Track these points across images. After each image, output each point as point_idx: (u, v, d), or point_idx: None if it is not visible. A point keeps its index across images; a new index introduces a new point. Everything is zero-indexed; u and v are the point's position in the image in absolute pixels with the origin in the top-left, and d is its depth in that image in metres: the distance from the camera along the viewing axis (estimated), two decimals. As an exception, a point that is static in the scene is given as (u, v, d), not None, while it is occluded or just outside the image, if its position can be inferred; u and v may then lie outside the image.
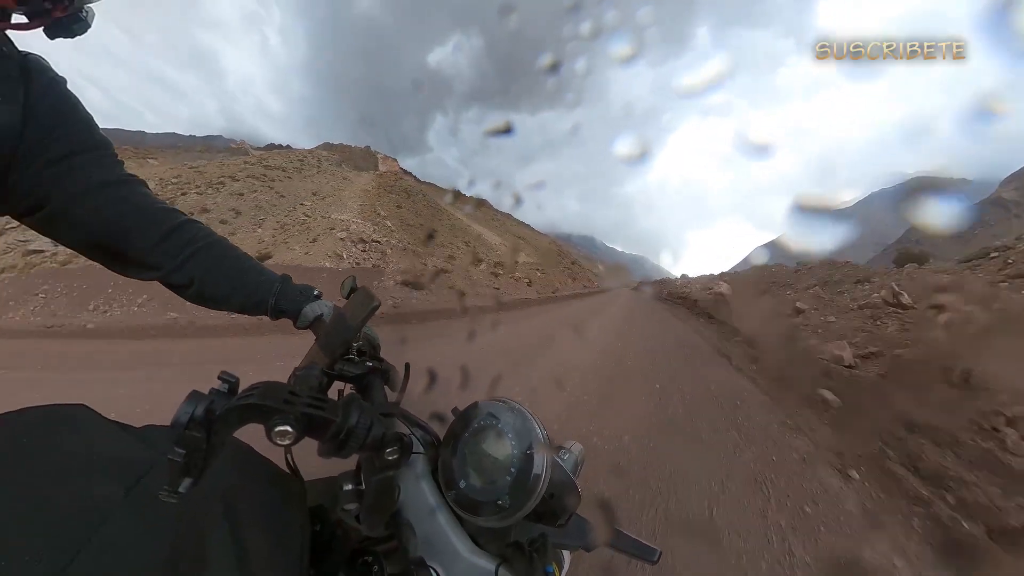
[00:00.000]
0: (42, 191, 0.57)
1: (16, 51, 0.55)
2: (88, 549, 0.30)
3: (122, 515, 0.33)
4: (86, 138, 0.60)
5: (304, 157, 52.10)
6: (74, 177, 0.58)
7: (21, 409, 0.39)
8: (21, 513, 0.31)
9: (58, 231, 0.61)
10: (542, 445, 0.46)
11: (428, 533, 0.46)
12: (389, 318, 7.90)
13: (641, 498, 2.06)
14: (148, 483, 0.36)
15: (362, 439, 0.42)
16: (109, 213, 0.61)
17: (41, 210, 0.58)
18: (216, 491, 0.39)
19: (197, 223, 0.71)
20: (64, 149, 0.57)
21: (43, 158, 0.56)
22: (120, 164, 0.64)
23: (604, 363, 5.09)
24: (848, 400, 3.62)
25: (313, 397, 0.40)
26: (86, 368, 4.44)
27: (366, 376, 0.65)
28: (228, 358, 4.73)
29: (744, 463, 2.56)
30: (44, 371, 4.22)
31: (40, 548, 0.30)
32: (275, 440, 0.36)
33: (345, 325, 0.64)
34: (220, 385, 0.35)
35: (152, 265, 0.66)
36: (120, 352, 5.21)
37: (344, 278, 0.76)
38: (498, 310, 12.94)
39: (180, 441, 0.31)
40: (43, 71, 0.58)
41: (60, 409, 0.41)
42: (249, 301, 0.72)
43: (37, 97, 0.55)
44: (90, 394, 3.14)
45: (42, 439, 0.38)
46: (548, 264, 52.39)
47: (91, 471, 0.36)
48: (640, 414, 3.27)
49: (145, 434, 0.43)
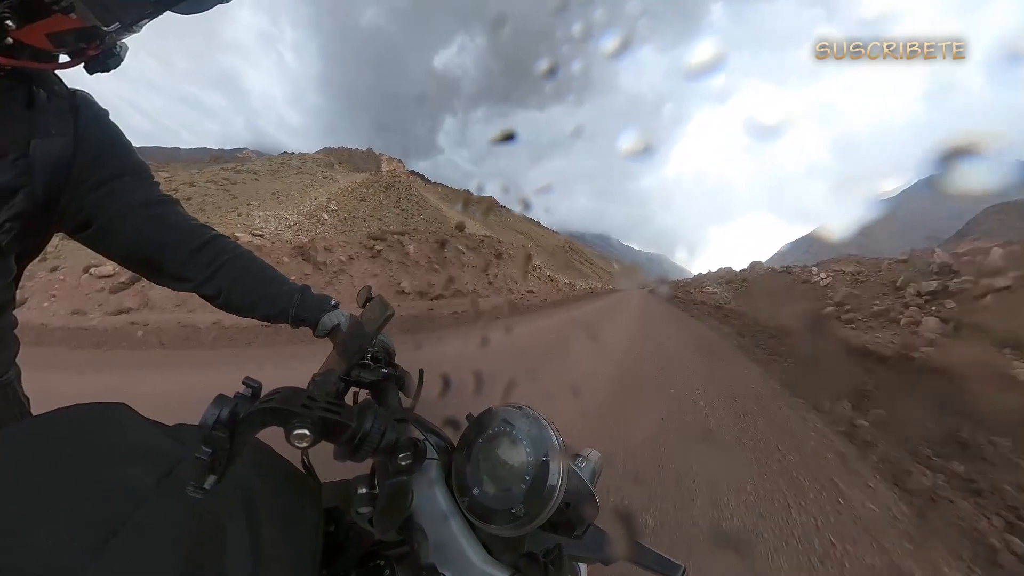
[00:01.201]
0: (90, 211, 0.64)
1: (66, 88, 0.62)
2: (123, 531, 0.33)
3: (154, 502, 0.36)
4: (127, 163, 0.68)
5: (287, 161, 53.91)
6: (117, 198, 0.65)
7: (68, 406, 0.43)
8: (64, 496, 0.34)
9: (104, 246, 0.68)
10: (558, 453, 0.45)
11: (440, 540, 0.46)
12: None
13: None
14: (178, 475, 0.39)
15: (376, 443, 0.42)
16: (148, 230, 0.68)
17: (89, 228, 0.65)
18: (237, 487, 0.41)
19: (225, 238, 0.77)
20: (109, 173, 0.65)
21: (91, 182, 0.63)
22: (157, 185, 0.72)
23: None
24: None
25: (329, 402, 0.41)
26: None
27: (381, 382, 0.66)
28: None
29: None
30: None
31: (80, 527, 0.32)
32: (293, 442, 0.38)
33: (361, 333, 0.66)
34: (244, 390, 0.37)
35: (185, 277, 0.72)
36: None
37: (360, 288, 0.79)
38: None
39: (207, 441, 0.33)
40: (89, 105, 0.65)
41: (102, 406, 0.44)
42: (271, 311, 0.77)
43: (85, 128, 0.63)
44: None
45: (85, 432, 0.41)
46: (557, 264, 51.35)
47: (128, 462, 0.39)
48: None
49: (176, 431, 0.46)
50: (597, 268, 75.86)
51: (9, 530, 0.31)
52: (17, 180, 0.55)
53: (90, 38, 0.55)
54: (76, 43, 0.55)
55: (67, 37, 0.53)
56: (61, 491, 0.34)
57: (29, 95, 0.57)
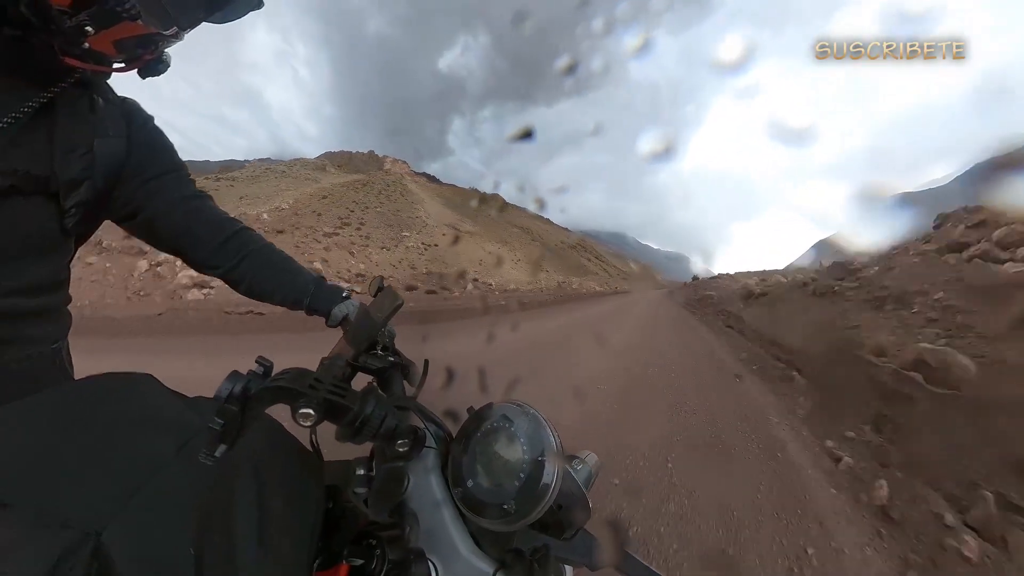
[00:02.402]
0: (138, 203, 0.73)
1: (116, 96, 0.71)
2: (142, 493, 0.35)
3: (172, 469, 0.38)
4: (170, 162, 0.77)
5: (273, 167, 55.60)
6: (161, 193, 0.74)
7: (100, 374, 0.46)
8: (87, 460, 0.36)
9: (147, 234, 0.77)
10: (554, 454, 0.45)
11: (431, 526, 0.47)
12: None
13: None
14: (194, 445, 0.41)
15: (375, 428, 0.44)
16: (185, 222, 0.77)
17: (135, 217, 0.74)
18: (248, 458, 0.43)
19: (251, 231, 0.85)
20: (155, 171, 0.73)
21: (140, 177, 0.72)
22: (193, 182, 0.80)
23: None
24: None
25: (335, 385, 0.43)
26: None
27: (387, 370, 0.68)
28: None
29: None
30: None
31: (104, 486, 0.34)
32: (298, 420, 0.40)
33: (370, 321, 0.68)
34: (257, 368, 0.39)
35: (214, 264, 0.80)
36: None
37: (372, 278, 0.82)
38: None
39: (219, 412, 0.35)
40: (139, 110, 0.74)
41: (129, 376, 0.47)
42: (287, 299, 0.84)
43: (137, 131, 0.72)
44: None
45: (110, 400, 0.43)
46: (565, 266, 50.27)
47: (150, 430, 0.42)
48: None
49: (195, 403, 0.48)
50: (610, 267, 74.41)
51: (43, 482, 0.33)
52: (83, 172, 0.63)
53: (148, 44, 0.62)
54: (135, 49, 0.62)
55: (130, 43, 0.60)
56: (89, 450, 0.37)
57: (91, 101, 0.66)
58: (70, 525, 0.31)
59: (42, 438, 0.37)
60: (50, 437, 0.37)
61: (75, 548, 0.30)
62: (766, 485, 2.68)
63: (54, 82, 0.60)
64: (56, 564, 0.28)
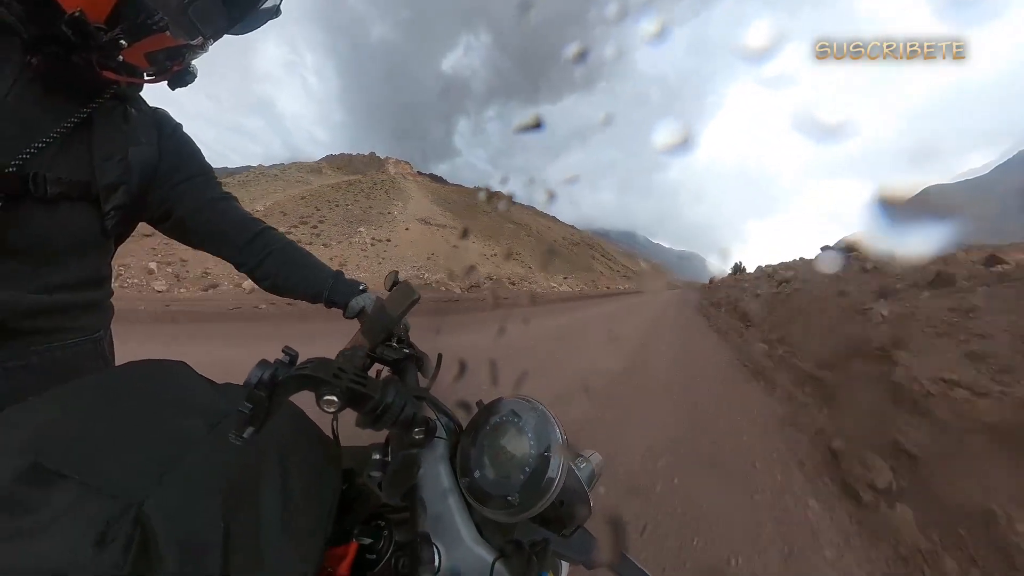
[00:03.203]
0: (169, 205, 0.77)
1: (148, 106, 0.76)
2: (175, 470, 0.38)
3: (203, 448, 0.41)
4: (197, 166, 0.81)
5: (265, 171, 55.49)
6: (192, 195, 0.78)
7: (133, 362, 0.49)
8: (128, 437, 0.39)
9: (178, 234, 0.82)
10: (560, 450, 0.46)
11: (438, 512, 0.49)
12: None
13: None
14: (224, 427, 0.44)
15: (395, 416, 0.46)
16: (213, 222, 0.81)
17: (169, 219, 0.79)
18: (273, 442, 0.46)
19: (273, 230, 0.89)
20: (185, 174, 0.78)
21: (171, 181, 0.76)
22: (220, 184, 0.85)
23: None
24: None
25: (357, 375, 0.45)
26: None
27: (402, 361, 0.70)
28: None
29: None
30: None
31: (144, 461, 0.37)
32: (323, 407, 0.42)
33: (386, 315, 0.70)
34: (283, 357, 0.42)
35: (241, 262, 0.85)
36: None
37: (388, 272, 0.85)
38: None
39: (249, 397, 0.37)
40: (168, 119, 0.79)
41: (164, 363, 0.51)
42: (309, 293, 0.88)
43: (167, 139, 0.76)
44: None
45: (147, 385, 0.47)
46: (568, 262, 48.62)
47: (183, 412, 0.45)
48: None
49: (225, 389, 0.52)
50: (619, 265, 72.82)
51: (89, 455, 0.36)
52: (120, 178, 0.68)
53: (176, 56, 0.67)
54: (164, 61, 0.66)
55: (160, 55, 0.64)
56: (129, 429, 0.40)
57: (125, 111, 0.70)
58: (115, 495, 0.34)
59: (87, 417, 0.40)
60: (95, 417, 0.40)
61: (120, 516, 0.33)
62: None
63: (93, 97, 0.65)
64: (105, 530, 0.32)
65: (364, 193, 46.04)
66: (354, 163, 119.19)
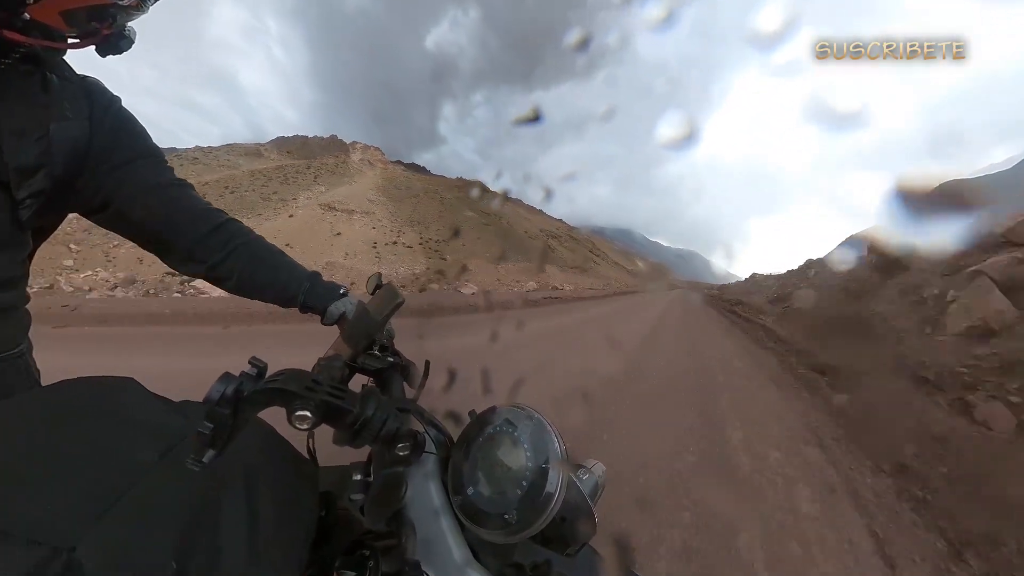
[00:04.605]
0: (107, 192, 0.66)
1: (76, 75, 0.64)
2: (121, 503, 0.33)
3: (154, 477, 0.36)
4: (141, 146, 0.69)
5: (182, 154, 52.91)
6: (133, 180, 0.67)
7: (76, 379, 0.44)
8: (66, 466, 0.35)
9: (119, 227, 0.70)
10: (559, 461, 0.43)
11: (428, 536, 0.45)
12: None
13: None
14: (179, 451, 0.39)
15: (376, 431, 0.42)
16: (161, 212, 0.70)
17: (106, 209, 0.67)
18: (238, 465, 0.41)
19: (238, 222, 0.78)
20: (125, 156, 0.66)
21: (108, 164, 0.64)
22: (171, 169, 0.73)
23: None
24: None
25: (333, 386, 0.41)
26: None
27: (386, 371, 0.66)
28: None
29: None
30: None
31: (80, 497, 0.33)
32: (295, 424, 0.38)
33: (368, 320, 0.66)
34: (250, 369, 0.38)
35: (197, 259, 0.74)
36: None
37: (370, 275, 0.79)
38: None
39: (209, 416, 0.33)
40: (102, 91, 0.67)
41: (110, 380, 0.45)
42: (281, 296, 0.78)
43: (100, 113, 0.64)
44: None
45: (91, 405, 0.42)
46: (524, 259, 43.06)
47: (131, 436, 0.40)
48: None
49: (182, 407, 0.47)
50: (612, 263, 70.29)
51: (11, 496, 0.31)
52: (39, 159, 0.57)
53: (103, 17, 0.57)
54: (88, 22, 0.57)
55: (80, 15, 0.55)
56: (63, 461, 0.35)
57: (44, 80, 0.59)
58: (39, 541, 0.29)
59: (10, 448, 0.35)
60: (19, 446, 0.35)
61: (44, 565, 0.28)
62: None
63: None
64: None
65: (285, 179, 43.85)
66: (310, 146, 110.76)
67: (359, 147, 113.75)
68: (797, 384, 5.58)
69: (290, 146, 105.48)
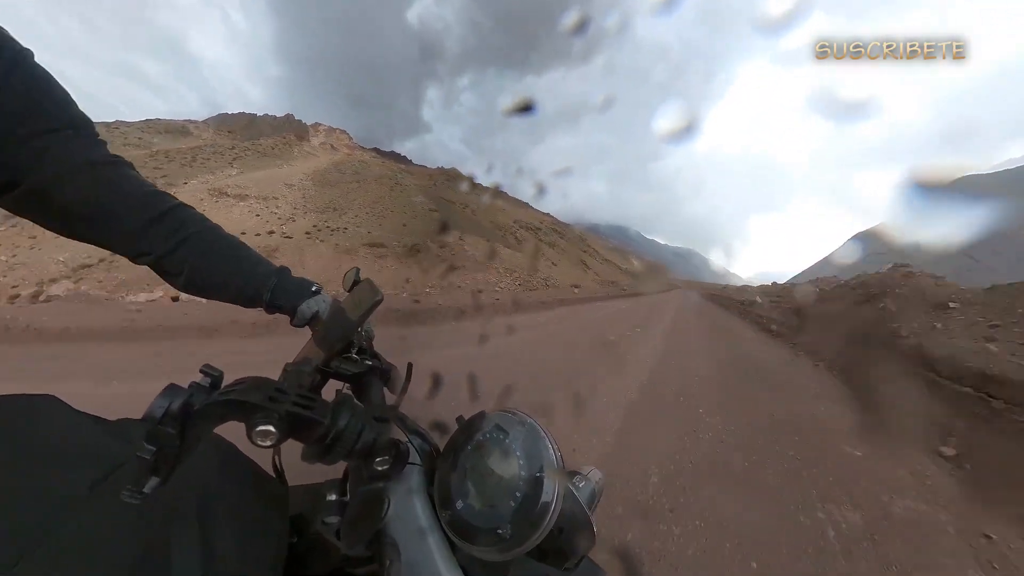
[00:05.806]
0: (16, 169, 0.54)
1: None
2: (44, 545, 0.28)
3: (85, 511, 0.31)
4: (63, 114, 0.58)
5: (103, 132, 51.18)
6: (53, 155, 0.56)
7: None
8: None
9: (34, 210, 0.58)
10: (555, 470, 0.40)
11: (414, 558, 0.41)
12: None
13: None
14: (117, 479, 0.34)
15: (350, 445, 0.38)
16: (94, 194, 0.59)
17: (15, 188, 0.55)
18: (192, 490, 0.37)
19: (190, 209, 0.68)
20: (39, 126, 0.55)
21: (17, 135, 0.53)
22: (103, 144, 0.62)
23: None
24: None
25: (301, 395, 0.37)
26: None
27: (364, 375, 0.61)
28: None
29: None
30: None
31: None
32: (256, 440, 0.33)
33: (344, 320, 0.61)
34: (201, 379, 0.33)
35: (141, 250, 0.63)
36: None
37: (347, 270, 0.73)
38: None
39: (151, 437, 0.28)
40: (8, 41, 0.54)
41: (24, 398, 0.39)
42: (243, 294, 0.69)
43: (7, 71, 0.52)
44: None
45: (5, 430, 0.36)
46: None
47: (54, 464, 0.35)
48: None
49: (119, 428, 0.41)
50: (603, 260, 67.25)
51: None
52: None
53: None
54: None
55: None
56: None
57: None
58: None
59: None
60: None
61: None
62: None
63: None
64: None
65: (191, 161, 40.32)
66: (257, 125, 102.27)
67: (323, 129, 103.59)
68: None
69: (235, 124, 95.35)
